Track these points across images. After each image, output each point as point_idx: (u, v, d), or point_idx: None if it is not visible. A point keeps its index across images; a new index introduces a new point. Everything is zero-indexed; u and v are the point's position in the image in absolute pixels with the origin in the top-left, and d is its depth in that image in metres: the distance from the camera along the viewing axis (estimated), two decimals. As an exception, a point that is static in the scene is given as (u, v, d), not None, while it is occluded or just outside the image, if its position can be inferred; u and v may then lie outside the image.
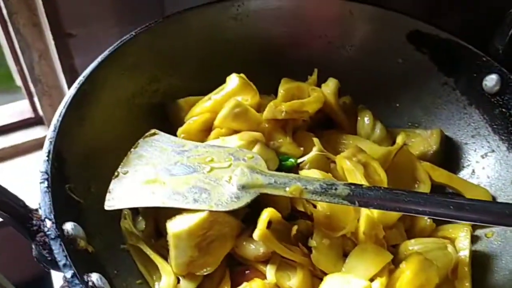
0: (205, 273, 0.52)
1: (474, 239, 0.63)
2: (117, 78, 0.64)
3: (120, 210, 0.57)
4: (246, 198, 0.53)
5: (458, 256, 0.58)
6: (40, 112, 1.14)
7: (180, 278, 0.52)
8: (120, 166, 0.57)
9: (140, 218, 0.58)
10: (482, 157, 0.69)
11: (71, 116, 0.56)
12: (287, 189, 0.53)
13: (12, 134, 1.17)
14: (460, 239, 0.60)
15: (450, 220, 0.53)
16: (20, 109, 1.20)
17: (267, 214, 0.52)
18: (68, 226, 0.45)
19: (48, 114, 1.13)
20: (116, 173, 0.56)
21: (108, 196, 0.54)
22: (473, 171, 0.70)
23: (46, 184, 0.47)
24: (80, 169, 0.54)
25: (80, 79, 0.59)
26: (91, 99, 0.60)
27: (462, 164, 0.71)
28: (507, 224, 0.53)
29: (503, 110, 0.67)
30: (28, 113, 1.18)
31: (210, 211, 0.52)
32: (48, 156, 0.49)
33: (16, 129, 1.18)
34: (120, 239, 0.56)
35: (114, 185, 0.55)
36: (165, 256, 0.54)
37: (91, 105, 0.60)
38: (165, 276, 0.51)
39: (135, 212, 0.58)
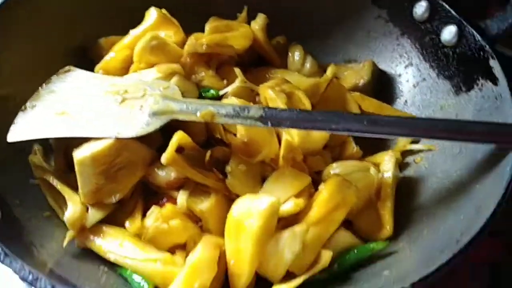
0: (113, 201, 0.51)
1: (403, 166, 0.63)
2: (28, 20, 0.61)
3: (31, 146, 0.55)
4: (156, 124, 0.52)
5: (382, 178, 0.57)
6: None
7: (89, 207, 0.51)
8: (28, 101, 0.55)
9: (51, 153, 0.56)
10: (414, 86, 0.68)
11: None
12: (199, 113, 0.51)
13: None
14: (385, 163, 0.59)
15: (365, 136, 0.52)
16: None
17: (176, 137, 0.50)
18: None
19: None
20: (23, 107, 0.54)
21: (12, 127, 0.52)
22: (406, 101, 0.69)
23: None
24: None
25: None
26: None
27: (396, 96, 0.71)
28: (418, 135, 0.53)
29: (433, 36, 0.66)
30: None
31: (117, 138, 0.50)
32: None
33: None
34: (30, 174, 0.54)
35: (20, 118, 0.53)
36: (76, 190, 0.52)
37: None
38: (71, 205, 0.49)
39: (49, 148, 0.56)
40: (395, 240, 0.54)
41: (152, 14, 0.63)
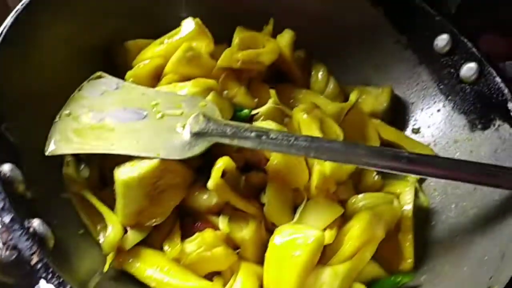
0: (153, 224, 0.50)
1: (417, 194, 0.65)
2: (53, 16, 0.57)
3: (62, 157, 0.53)
4: (201, 147, 0.51)
5: (403, 210, 0.60)
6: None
7: (128, 228, 0.50)
8: (62, 108, 0.53)
9: (83, 165, 0.54)
10: (429, 116, 0.71)
11: (6, 51, 0.50)
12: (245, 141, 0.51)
13: None
14: (405, 194, 0.61)
15: (400, 173, 0.54)
16: None
17: (222, 163, 0.50)
18: (6, 168, 0.41)
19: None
20: (58, 116, 0.52)
21: (48, 140, 0.50)
22: (419, 129, 0.72)
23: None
24: (18, 109, 0.49)
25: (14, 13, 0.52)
26: (29, 36, 0.54)
27: (409, 123, 0.73)
28: (454, 178, 0.54)
29: (452, 70, 0.68)
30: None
31: (162, 159, 0.49)
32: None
33: None
34: (61, 187, 0.52)
35: (55, 128, 0.51)
36: (110, 206, 0.51)
37: (27, 43, 0.54)
38: (112, 226, 0.48)
39: (78, 159, 0.54)
40: (416, 273, 0.57)
41: (189, 24, 0.62)
